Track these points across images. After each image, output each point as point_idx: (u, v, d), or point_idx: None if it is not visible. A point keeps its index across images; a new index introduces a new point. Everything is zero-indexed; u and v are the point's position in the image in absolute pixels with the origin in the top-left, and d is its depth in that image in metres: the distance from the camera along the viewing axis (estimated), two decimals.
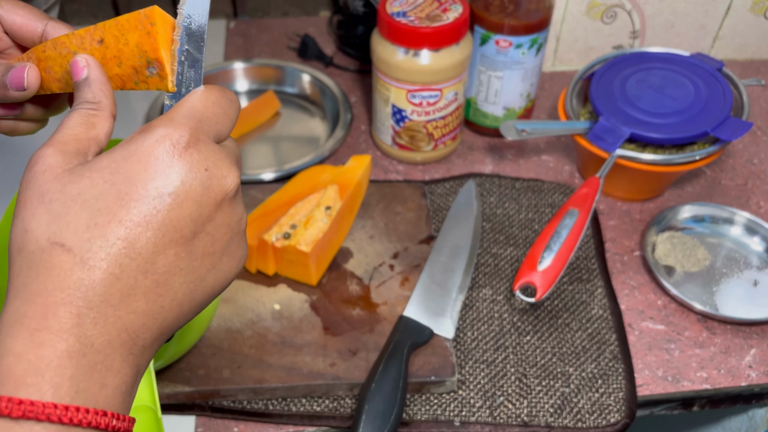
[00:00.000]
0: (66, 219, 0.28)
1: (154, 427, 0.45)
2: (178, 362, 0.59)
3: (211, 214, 0.31)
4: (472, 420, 0.58)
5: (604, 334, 0.64)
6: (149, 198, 0.29)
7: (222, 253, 0.32)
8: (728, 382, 0.62)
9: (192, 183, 0.30)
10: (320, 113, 0.88)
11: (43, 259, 0.28)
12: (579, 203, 0.66)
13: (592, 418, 0.58)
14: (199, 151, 0.30)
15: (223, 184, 0.31)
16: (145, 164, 0.29)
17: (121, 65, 0.35)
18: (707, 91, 0.72)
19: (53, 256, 0.28)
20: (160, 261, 0.29)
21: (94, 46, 0.36)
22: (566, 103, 0.75)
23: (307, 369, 0.59)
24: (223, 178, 0.31)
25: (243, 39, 1.00)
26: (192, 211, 0.30)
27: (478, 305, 0.66)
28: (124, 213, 0.28)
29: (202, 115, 0.32)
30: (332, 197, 0.67)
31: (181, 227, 0.30)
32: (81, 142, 0.31)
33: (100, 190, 0.29)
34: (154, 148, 0.29)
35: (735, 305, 0.66)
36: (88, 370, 0.27)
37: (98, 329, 0.28)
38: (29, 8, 0.38)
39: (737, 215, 0.73)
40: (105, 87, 0.34)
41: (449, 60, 0.71)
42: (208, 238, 0.31)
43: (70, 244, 0.28)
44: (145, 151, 0.29)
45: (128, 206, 0.29)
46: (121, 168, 0.29)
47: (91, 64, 0.34)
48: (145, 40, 0.34)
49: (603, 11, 0.88)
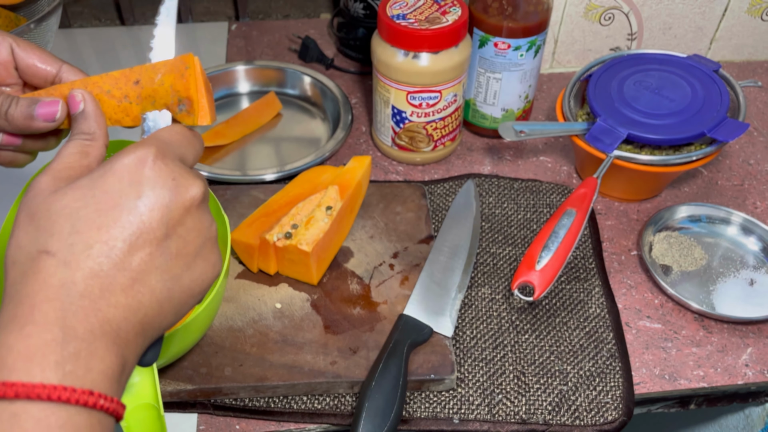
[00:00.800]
0: (51, 230, 0.32)
1: (157, 424, 0.45)
2: (180, 360, 0.60)
3: (181, 218, 0.34)
4: (471, 417, 0.59)
5: (602, 333, 0.64)
6: (123, 205, 0.33)
7: (195, 255, 0.35)
8: (725, 380, 0.62)
9: (160, 191, 0.34)
10: (321, 114, 0.89)
11: (32, 266, 0.32)
12: (577, 203, 0.66)
13: (589, 416, 0.59)
14: (166, 164, 0.34)
15: (191, 191, 0.35)
16: (119, 178, 0.33)
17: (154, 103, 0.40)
18: (704, 92, 0.72)
19: (40, 262, 0.31)
20: (135, 259, 0.33)
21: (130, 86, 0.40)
22: (564, 104, 0.75)
23: (308, 367, 0.60)
24: (189, 186, 0.35)
25: (244, 41, 1.01)
26: (163, 215, 0.34)
27: (477, 304, 0.67)
28: (102, 220, 0.32)
29: (167, 139, 0.36)
30: (333, 197, 0.67)
31: (153, 229, 0.33)
32: (74, 169, 0.35)
33: (81, 204, 0.33)
34: (125, 164, 0.34)
35: (731, 304, 0.67)
36: (72, 355, 0.30)
37: (80, 320, 0.31)
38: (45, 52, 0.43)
39: (734, 215, 0.73)
40: (100, 120, 0.39)
41: (448, 62, 0.71)
42: (180, 240, 0.35)
43: (55, 250, 0.32)
44: (119, 167, 0.34)
45: (105, 214, 0.32)
46: (98, 184, 0.33)
47: (87, 99, 0.39)
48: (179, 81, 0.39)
49: (601, 13, 0.88)
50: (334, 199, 0.67)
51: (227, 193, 0.75)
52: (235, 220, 0.71)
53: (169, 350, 0.53)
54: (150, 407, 0.46)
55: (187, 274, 0.35)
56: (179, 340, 0.53)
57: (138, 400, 0.45)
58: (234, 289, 0.66)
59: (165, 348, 0.51)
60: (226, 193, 0.75)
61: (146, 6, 1.05)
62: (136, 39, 1.02)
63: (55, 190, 0.33)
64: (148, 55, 0.41)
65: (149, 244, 0.33)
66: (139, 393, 0.45)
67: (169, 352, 0.54)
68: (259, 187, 0.76)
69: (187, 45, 1.01)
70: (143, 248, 0.33)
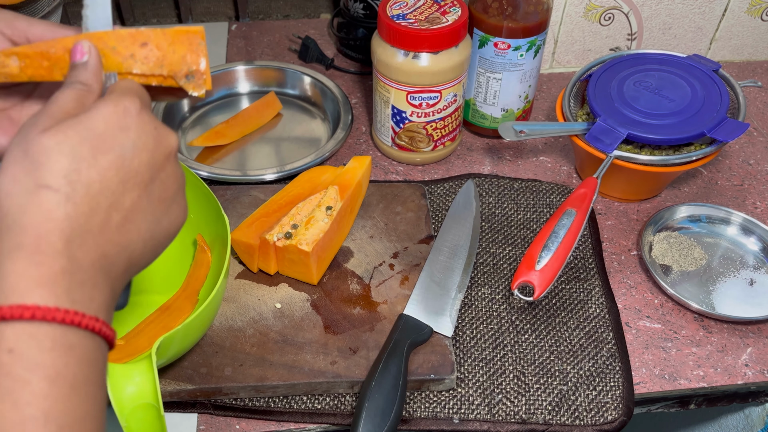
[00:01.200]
0: (48, 166, 0.33)
1: (157, 424, 0.45)
2: (180, 360, 0.60)
3: (163, 165, 0.38)
4: (470, 417, 0.59)
5: (602, 333, 0.64)
6: (116, 149, 0.35)
7: (171, 201, 0.39)
8: (725, 380, 0.62)
9: (146, 138, 0.37)
10: (321, 114, 0.89)
11: (32, 199, 0.33)
12: (577, 203, 0.66)
13: (589, 416, 0.59)
14: (148, 114, 0.37)
15: (170, 140, 0.38)
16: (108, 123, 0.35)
17: (162, 67, 0.41)
18: (704, 92, 0.72)
19: (41, 195, 0.33)
20: (126, 200, 0.36)
21: (137, 47, 0.41)
22: (564, 104, 0.75)
23: (308, 367, 0.60)
24: (168, 136, 0.38)
25: (244, 41, 1.01)
26: (148, 159, 0.37)
27: (476, 304, 0.67)
28: (97, 160, 0.34)
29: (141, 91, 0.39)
30: (333, 197, 0.67)
31: (141, 172, 0.36)
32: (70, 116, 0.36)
33: (74, 143, 0.34)
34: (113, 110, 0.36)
35: (731, 304, 0.67)
36: (79, 285, 0.33)
37: (83, 252, 0.34)
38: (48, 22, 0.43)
39: (733, 215, 0.74)
40: (99, 74, 0.39)
41: (448, 62, 0.71)
42: (161, 185, 0.38)
43: (56, 186, 0.33)
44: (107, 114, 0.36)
45: (100, 155, 0.35)
46: (89, 125, 0.35)
47: (93, 52, 0.39)
48: (193, 53, 0.41)
49: (601, 13, 0.88)
50: (334, 199, 0.67)
51: (227, 193, 0.75)
52: (235, 220, 0.71)
53: (170, 350, 0.53)
54: (150, 407, 0.46)
55: (165, 217, 0.38)
56: (180, 340, 0.53)
57: (138, 400, 0.45)
58: (234, 289, 0.66)
59: (165, 348, 0.51)
60: (227, 193, 0.75)
61: (146, 6, 1.05)
62: None
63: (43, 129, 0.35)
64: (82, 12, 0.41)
65: (138, 187, 0.36)
66: (139, 393, 0.45)
67: (170, 352, 0.54)
68: (259, 187, 0.76)
69: None
70: (133, 190, 0.36)
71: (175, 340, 0.52)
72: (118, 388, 0.44)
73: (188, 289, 0.64)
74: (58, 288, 0.32)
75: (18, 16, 0.42)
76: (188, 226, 0.67)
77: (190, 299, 0.63)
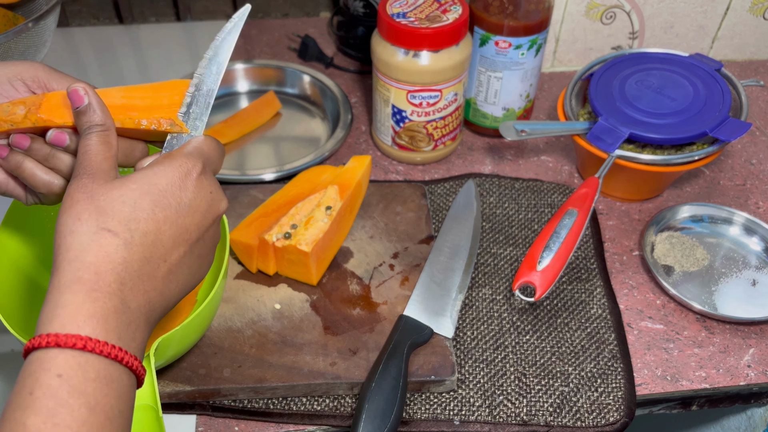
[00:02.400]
0: (111, 213, 0.37)
1: (155, 426, 0.45)
2: (179, 362, 0.60)
3: (209, 227, 0.41)
4: (471, 419, 0.58)
5: (603, 334, 0.64)
6: (174, 205, 0.39)
7: (206, 256, 0.42)
8: (727, 381, 0.62)
9: (201, 201, 0.40)
10: (321, 114, 0.88)
11: (94, 239, 0.36)
12: (578, 203, 0.66)
13: (591, 417, 0.59)
14: (208, 179, 0.41)
15: (220, 205, 0.42)
16: (171, 182, 0.39)
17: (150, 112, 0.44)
18: (706, 91, 0.72)
19: (102, 237, 0.36)
20: (174, 254, 0.39)
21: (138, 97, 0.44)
22: (565, 103, 0.75)
23: (308, 368, 0.59)
24: (220, 201, 0.42)
25: (244, 40, 1.00)
26: (199, 221, 0.40)
27: (477, 305, 0.66)
28: (155, 213, 0.38)
29: (207, 154, 0.42)
30: (332, 197, 0.67)
31: (191, 231, 0.40)
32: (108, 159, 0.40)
33: (137, 195, 0.38)
34: (177, 171, 0.39)
35: (734, 305, 0.66)
36: (126, 325, 0.36)
37: (133, 296, 0.37)
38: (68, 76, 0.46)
39: (736, 215, 0.73)
40: (105, 109, 0.42)
41: (449, 61, 0.71)
42: (204, 244, 0.41)
43: (116, 231, 0.36)
44: (171, 172, 0.39)
45: (158, 209, 0.38)
46: (153, 181, 0.39)
47: (90, 92, 0.42)
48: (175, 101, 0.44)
49: (602, 12, 0.88)
50: (334, 199, 0.67)
51: (226, 192, 0.74)
52: (234, 220, 0.71)
53: (168, 351, 0.53)
54: (148, 408, 0.45)
55: (199, 271, 0.42)
56: (178, 341, 0.53)
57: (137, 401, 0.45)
58: (233, 290, 0.66)
59: (164, 349, 0.51)
60: (225, 193, 0.74)
61: (144, 5, 1.05)
62: (134, 38, 1.02)
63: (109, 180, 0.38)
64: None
65: (186, 244, 0.39)
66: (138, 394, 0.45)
67: (168, 353, 0.54)
68: (258, 186, 0.75)
69: (185, 43, 1.01)
70: (181, 246, 0.39)
71: (174, 341, 0.51)
72: None
73: None
74: (108, 324, 0.35)
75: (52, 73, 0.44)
76: None
77: (188, 300, 0.63)
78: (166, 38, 1.01)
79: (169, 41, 1.01)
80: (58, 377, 0.33)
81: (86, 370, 0.34)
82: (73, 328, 0.34)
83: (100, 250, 0.36)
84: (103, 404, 0.34)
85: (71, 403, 0.33)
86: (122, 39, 1.01)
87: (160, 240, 0.38)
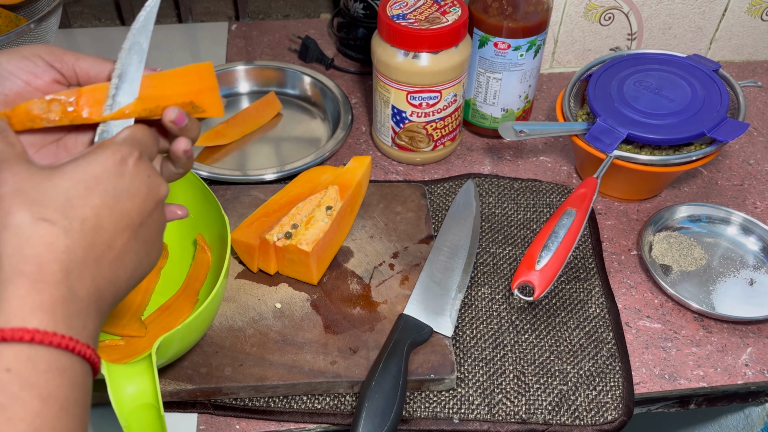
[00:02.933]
0: (45, 202, 0.36)
1: (157, 424, 0.45)
2: (180, 360, 0.60)
3: (151, 211, 0.41)
4: (470, 417, 0.59)
5: (602, 333, 0.64)
6: (110, 191, 0.38)
7: (153, 243, 0.42)
8: (725, 380, 0.62)
9: (140, 185, 0.40)
10: (321, 114, 0.89)
11: (32, 231, 0.35)
12: (577, 203, 0.66)
13: (589, 416, 0.59)
14: (144, 164, 0.41)
15: (160, 189, 0.41)
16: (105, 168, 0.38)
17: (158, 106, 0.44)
18: (704, 92, 0.72)
19: (40, 228, 0.35)
20: (118, 240, 0.38)
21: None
22: (564, 104, 0.75)
23: (308, 367, 0.60)
24: (160, 185, 0.41)
25: (244, 41, 1.01)
26: (140, 206, 0.40)
27: (476, 304, 0.67)
28: (91, 199, 0.37)
29: (142, 141, 0.42)
30: (333, 197, 0.67)
31: (132, 216, 0.39)
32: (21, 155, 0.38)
33: (69, 183, 0.37)
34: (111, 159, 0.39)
35: (731, 304, 0.67)
36: (75, 313, 0.35)
37: (80, 284, 0.36)
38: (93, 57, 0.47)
39: (733, 215, 0.74)
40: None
41: (448, 62, 0.71)
42: (148, 229, 0.41)
43: (53, 219, 0.35)
44: (105, 160, 0.39)
45: (94, 195, 0.37)
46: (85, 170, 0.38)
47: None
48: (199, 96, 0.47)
49: (601, 13, 0.88)
50: (334, 199, 0.67)
51: (227, 193, 0.75)
52: (235, 220, 0.71)
53: (170, 350, 0.53)
54: (150, 407, 0.46)
55: (147, 257, 0.41)
56: (179, 340, 0.53)
57: (138, 400, 0.45)
58: (234, 289, 0.66)
59: (165, 348, 0.51)
60: (227, 193, 0.75)
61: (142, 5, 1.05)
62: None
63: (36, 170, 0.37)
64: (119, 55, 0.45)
65: (129, 229, 0.39)
66: (139, 393, 0.45)
67: (170, 352, 0.54)
68: (259, 187, 0.76)
69: (187, 45, 1.01)
70: (125, 231, 0.39)
71: (175, 340, 0.52)
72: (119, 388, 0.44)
73: (188, 289, 0.64)
74: (56, 315, 0.34)
75: (66, 51, 0.45)
76: (188, 226, 0.67)
77: (190, 299, 0.63)
78: (168, 39, 1.02)
79: (171, 42, 1.01)
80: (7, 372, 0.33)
81: (36, 363, 0.33)
82: (18, 321, 0.33)
83: (40, 240, 0.35)
84: (56, 395, 0.34)
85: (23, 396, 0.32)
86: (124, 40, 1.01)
87: (101, 225, 0.37)
